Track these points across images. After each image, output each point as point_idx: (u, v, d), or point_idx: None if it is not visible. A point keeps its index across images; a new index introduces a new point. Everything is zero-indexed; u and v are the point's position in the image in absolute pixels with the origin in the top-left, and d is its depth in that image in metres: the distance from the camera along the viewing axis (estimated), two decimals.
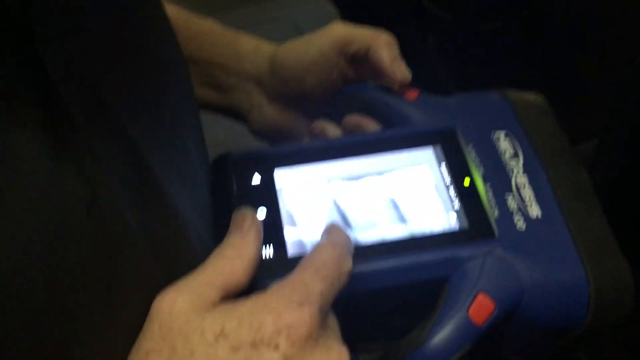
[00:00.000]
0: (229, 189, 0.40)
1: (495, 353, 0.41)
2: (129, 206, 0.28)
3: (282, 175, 0.41)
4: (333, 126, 0.49)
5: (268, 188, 0.40)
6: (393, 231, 0.39)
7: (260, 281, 0.34)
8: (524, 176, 0.41)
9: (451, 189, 0.41)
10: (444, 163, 0.42)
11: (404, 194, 0.40)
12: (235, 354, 0.28)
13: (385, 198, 0.40)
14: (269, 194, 0.40)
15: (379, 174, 0.41)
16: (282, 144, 0.45)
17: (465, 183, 0.41)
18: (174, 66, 0.39)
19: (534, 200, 0.40)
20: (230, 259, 0.32)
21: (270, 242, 0.38)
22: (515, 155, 0.42)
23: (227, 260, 0.32)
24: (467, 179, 0.41)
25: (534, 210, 0.40)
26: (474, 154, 0.42)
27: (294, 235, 0.38)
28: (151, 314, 0.29)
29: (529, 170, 0.41)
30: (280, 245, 0.38)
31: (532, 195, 0.40)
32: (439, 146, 0.42)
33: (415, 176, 0.41)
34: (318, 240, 0.35)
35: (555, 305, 0.37)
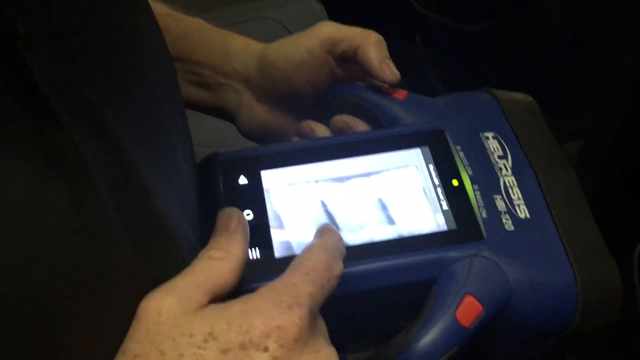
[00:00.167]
0: (215, 190, 0.40)
1: (483, 354, 0.41)
2: (114, 209, 0.28)
3: (269, 176, 0.41)
4: (322, 126, 0.48)
5: (255, 189, 0.40)
6: (381, 232, 0.38)
7: (248, 282, 0.34)
8: (513, 177, 0.41)
9: (439, 190, 0.40)
10: (432, 164, 0.42)
11: (391, 195, 0.40)
12: (224, 356, 0.28)
13: (373, 199, 0.40)
14: (255, 194, 0.40)
15: (366, 175, 0.41)
16: (270, 144, 0.45)
17: (453, 184, 0.41)
18: (160, 66, 0.38)
19: (522, 201, 0.40)
20: (218, 260, 0.32)
21: (258, 243, 0.37)
22: (504, 156, 0.42)
23: (214, 262, 0.32)
24: (456, 180, 0.41)
25: (523, 211, 0.40)
26: (463, 155, 0.42)
27: (281, 236, 0.38)
28: (138, 316, 0.29)
29: (517, 171, 0.41)
30: (267, 246, 0.37)
31: (521, 196, 0.40)
32: (427, 147, 0.42)
33: (403, 177, 0.41)
34: (308, 242, 0.35)
35: (543, 306, 0.37)
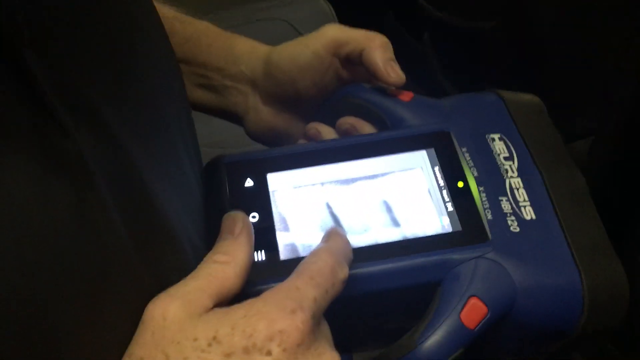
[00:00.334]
0: (221, 193, 0.40)
1: (488, 356, 0.41)
2: (117, 212, 0.28)
3: (275, 178, 0.41)
4: (327, 128, 0.49)
5: (261, 192, 0.40)
6: (386, 234, 0.39)
7: (254, 285, 0.34)
8: (519, 178, 0.41)
9: (445, 192, 0.40)
10: (438, 166, 0.41)
11: (397, 197, 0.40)
12: (228, 359, 0.28)
13: (379, 201, 0.40)
14: (261, 197, 0.40)
15: (372, 177, 0.41)
16: (276, 147, 0.45)
17: (458, 186, 0.41)
18: (165, 68, 0.38)
19: (528, 203, 0.40)
20: (222, 264, 0.32)
21: (263, 246, 0.38)
22: (510, 157, 0.42)
23: (219, 266, 0.32)
24: (461, 182, 0.41)
25: (528, 212, 0.39)
26: (468, 156, 0.42)
27: (287, 238, 0.38)
28: (144, 320, 0.29)
29: (523, 172, 0.41)
30: (273, 249, 0.38)
31: (527, 198, 0.40)
32: (433, 149, 0.42)
33: (409, 179, 0.41)
34: (314, 244, 0.35)
35: (548, 308, 0.37)
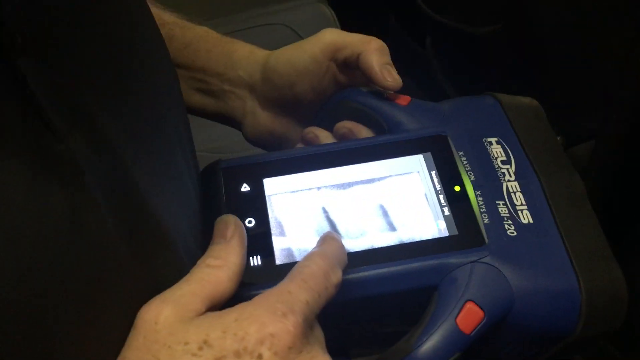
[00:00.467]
0: (218, 198, 0.40)
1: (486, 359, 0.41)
2: (111, 216, 0.28)
3: (272, 183, 0.41)
4: (325, 132, 0.49)
5: (257, 196, 0.40)
6: (382, 239, 0.38)
7: (249, 290, 0.34)
8: (516, 182, 0.41)
9: (441, 196, 0.40)
10: (435, 170, 0.41)
11: (393, 201, 0.40)
12: None
13: (375, 206, 0.40)
14: (258, 202, 0.40)
15: (369, 181, 0.41)
16: (273, 152, 0.45)
17: (455, 190, 0.40)
18: (161, 74, 0.38)
19: (525, 207, 0.40)
20: (215, 269, 0.32)
21: (259, 251, 0.38)
22: (507, 161, 0.42)
23: (212, 270, 0.32)
24: (458, 186, 0.41)
25: (526, 216, 0.39)
26: (465, 160, 0.42)
27: (283, 243, 0.38)
28: (136, 324, 0.29)
29: (521, 176, 0.41)
30: (268, 254, 0.38)
31: (524, 201, 0.40)
32: (430, 153, 0.42)
33: (406, 184, 0.41)
34: (309, 248, 0.35)
35: (545, 312, 0.37)
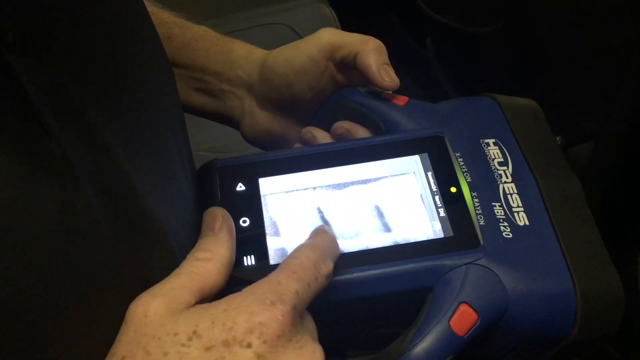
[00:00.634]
0: (213, 197, 0.40)
1: None
2: (104, 214, 0.28)
3: (267, 183, 0.41)
4: (323, 132, 0.48)
5: (252, 196, 0.40)
6: (377, 240, 0.38)
7: (242, 288, 0.34)
8: (513, 184, 0.41)
9: (437, 197, 0.40)
10: (431, 171, 0.41)
11: (389, 202, 0.40)
12: (208, 353, 0.28)
13: (371, 206, 0.40)
14: (253, 201, 0.40)
15: (364, 182, 0.41)
16: (269, 151, 0.45)
17: (451, 191, 0.40)
18: (157, 73, 0.38)
19: (522, 209, 0.39)
20: (204, 261, 0.32)
21: (253, 250, 0.38)
22: (504, 162, 0.42)
23: (200, 263, 0.32)
24: (454, 187, 0.40)
25: (522, 218, 0.39)
26: (462, 161, 0.42)
27: (277, 243, 0.38)
28: (126, 319, 0.29)
29: (517, 178, 0.41)
30: (262, 253, 0.38)
31: (520, 203, 0.40)
32: (426, 154, 0.42)
33: (401, 184, 0.41)
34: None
35: (540, 315, 0.37)
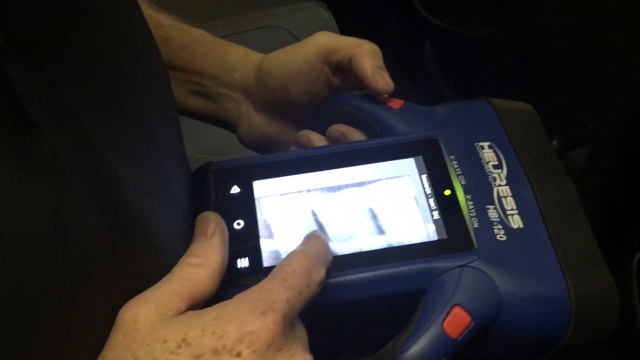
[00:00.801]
0: (208, 200, 0.40)
1: None
2: (95, 216, 0.28)
3: (261, 186, 0.41)
4: (318, 136, 0.49)
5: (247, 199, 0.40)
6: (371, 242, 0.38)
7: (234, 292, 0.34)
8: (507, 187, 0.41)
9: (431, 200, 0.40)
10: (425, 174, 0.41)
11: (383, 205, 0.40)
12: None
13: (365, 209, 0.40)
14: (247, 204, 0.40)
15: (359, 185, 0.41)
16: (264, 154, 0.45)
17: (445, 194, 0.40)
18: (153, 77, 0.38)
19: (516, 211, 0.39)
20: (195, 267, 0.32)
21: (247, 253, 0.38)
22: (498, 166, 0.42)
23: (192, 268, 0.32)
24: (448, 190, 0.40)
25: (516, 221, 0.39)
26: (457, 165, 0.42)
27: (271, 246, 0.38)
28: (116, 323, 0.29)
29: (512, 181, 0.41)
30: (256, 256, 0.38)
31: (515, 206, 0.40)
32: (421, 157, 0.42)
33: (396, 187, 0.41)
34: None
35: (534, 318, 0.37)
